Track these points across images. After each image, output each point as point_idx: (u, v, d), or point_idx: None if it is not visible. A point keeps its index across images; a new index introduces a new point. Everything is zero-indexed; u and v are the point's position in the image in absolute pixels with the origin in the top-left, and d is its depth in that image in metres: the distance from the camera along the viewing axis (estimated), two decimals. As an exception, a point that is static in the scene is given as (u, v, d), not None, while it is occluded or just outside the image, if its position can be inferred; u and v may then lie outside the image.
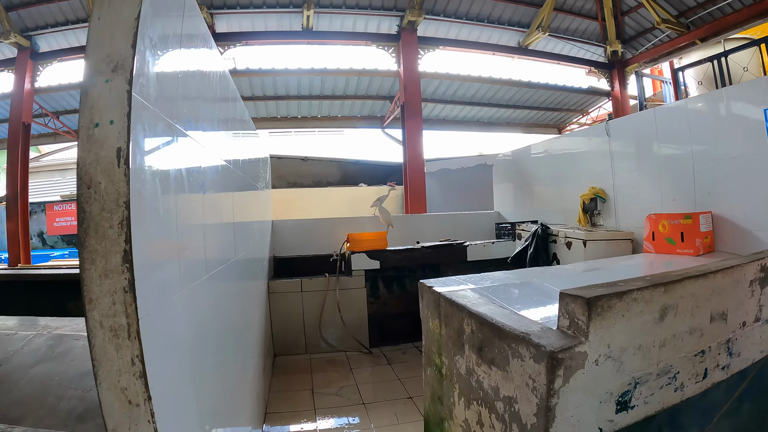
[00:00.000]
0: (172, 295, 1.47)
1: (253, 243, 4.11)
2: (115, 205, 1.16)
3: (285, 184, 13.14)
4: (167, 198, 1.47)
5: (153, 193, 1.35)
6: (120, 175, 1.17)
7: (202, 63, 2.18)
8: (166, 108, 1.51)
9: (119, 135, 1.19)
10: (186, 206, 1.71)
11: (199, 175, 1.94)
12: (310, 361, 5.44)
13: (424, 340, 2.94)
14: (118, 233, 1.16)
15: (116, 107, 1.21)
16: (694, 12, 10.55)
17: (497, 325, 1.93)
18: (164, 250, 1.46)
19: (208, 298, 2.00)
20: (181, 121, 1.68)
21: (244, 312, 3.21)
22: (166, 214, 1.46)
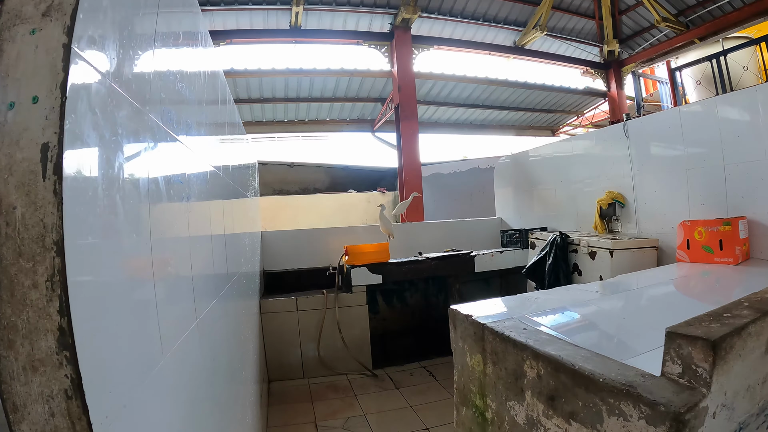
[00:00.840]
0: (149, 372, 0.96)
1: (245, 260, 3.60)
2: (39, 247, 0.68)
3: (271, 191, 12.57)
4: (133, 223, 0.97)
5: (107, 221, 0.85)
6: (46, 194, 0.69)
7: (187, 28, 1.67)
8: (135, 87, 1.00)
9: (47, 122, 0.70)
10: (164, 230, 1.20)
11: (183, 187, 1.43)
12: (309, 386, 4.92)
13: (458, 376, 2.48)
14: (47, 296, 0.68)
15: (44, 75, 0.72)
16: (693, 11, 10.34)
17: (583, 374, 1.53)
18: (131, 311, 0.94)
19: (201, 349, 1.49)
20: (157, 110, 1.17)
21: (240, 347, 2.68)
22: (132, 249, 0.95)
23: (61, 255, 0.68)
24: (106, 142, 0.84)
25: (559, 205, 6.15)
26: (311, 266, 6.09)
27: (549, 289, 4.79)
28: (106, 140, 0.84)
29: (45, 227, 0.68)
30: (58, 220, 0.68)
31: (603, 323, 2.34)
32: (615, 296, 2.92)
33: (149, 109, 1.09)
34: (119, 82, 0.91)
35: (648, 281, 3.27)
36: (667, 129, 4.52)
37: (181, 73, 1.53)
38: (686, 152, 4.32)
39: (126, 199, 0.91)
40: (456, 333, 2.46)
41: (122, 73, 0.93)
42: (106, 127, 0.84)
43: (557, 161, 6.21)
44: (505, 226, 7.25)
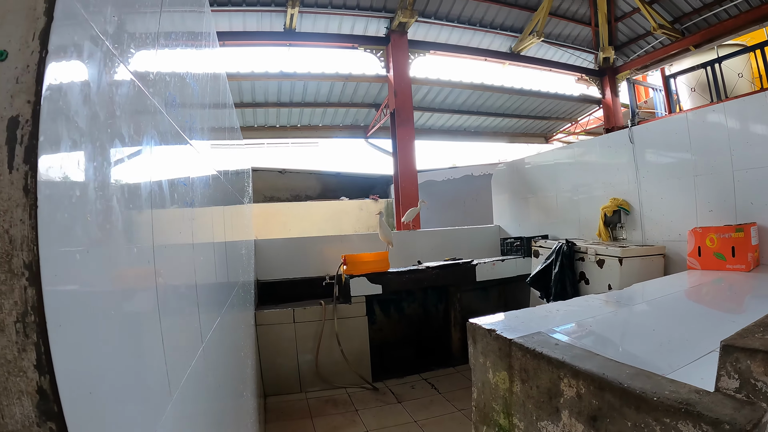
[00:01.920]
0: (155, 424, 0.77)
1: (243, 270, 3.40)
2: (2, 272, 0.48)
3: (261, 198, 12.35)
4: (133, 235, 0.77)
5: (100, 233, 0.64)
6: (13, 192, 0.49)
7: (197, 27, 1.48)
8: (136, 62, 0.81)
9: (17, 87, 0.52)
10: (167, 239, 1.01)
11: (188, 191, 1.24)
12: (307, 401, 4.71)
13: (478, 394, 2.30)
14: (19, 345, 0.50)
15: (16, 20, 0.53)
16: (689, 18, 10.32)
17: (634, 392, 1.43)
18: (133, 351, 0.75)
19: (206, 377, 1.29)
20: (160, 94, 0.98)
21: (241, 365, 2.47)
22: (131, 269, 0.76)
23: (35, 283, 0.48)
24: (101, 124, 0.64)
25: (560, 213, 6.03)
26: (306, 276, 5.90)
27: (555, 298, 4.70)
28: (101, 122, 0.64)
29: (11, 242, 0.48)
30: (31, 231, 0.48)
31: (634, 336, 2.22)
32: (637, 306, 2.79)
33: (152, 92, 0.90)
34: (120, 51, 0.72)
35: (665, 290, 3.15)
36: (674, 135, 4.44)
37: (189, 71, 1.34)
38: (694, 158, 4.24)
39: (123, 203, 0.72)
40: (476, 348, 2.28)
41: (121, 38, 0.74)
42: (100, 103, 0.64)
43: (558, 168, 6.08)
44: (504, 234, 7.10)
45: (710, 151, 4.08)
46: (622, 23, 11.40)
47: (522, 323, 2.28)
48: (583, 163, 5.66)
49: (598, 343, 2.04)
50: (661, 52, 10.98)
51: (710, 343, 1.90)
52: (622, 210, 4.99)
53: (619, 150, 5.08)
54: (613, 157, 5.18)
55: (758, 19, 9.27)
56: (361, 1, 9.10)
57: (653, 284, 3.48)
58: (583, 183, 5.64)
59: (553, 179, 6.16)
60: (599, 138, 5.76)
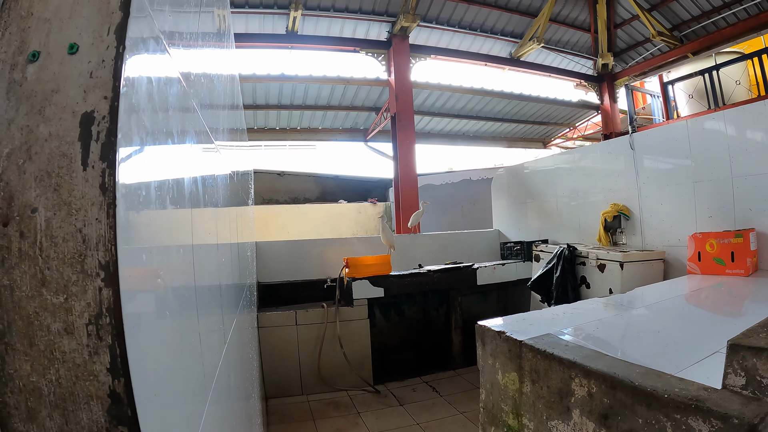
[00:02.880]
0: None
1: (249, 271, 3.41)
2: (75, 272, 0.48)
3: (260, 200, 12.33)
4: (181, 233, 0.79)
5: (163, 231, 0.65)
6: (88, 190, 0.49)
7: (220, 28, 1.51)
8: (181, 62, 0.83)
9: (92, 81, 0.52)
10: (201, 238, 1.03)
11: (215, 192, 1.26)
12: (308, 404, 4.71)
13: (486, 395, 2.32)
14: (90, 348, 0.50)
15: (90, 14, 0.52)
16: (688, 25, 10.41)
17: (645, 390, 1.47)
18: (184, 351, 0.76)
19: (227, 378, 1.31)
20: (197, 95, 1.01)
21: (248, 366, 2.49)
22: (181, 267, 0.77)
23: (112, 284, 0.47)
24: (159, 122, 0.66)
25: (560, 218, 6.05)
26: (307, 278, 5.90)
27: (556, 302, 4.73)
28: (159, 121, 0.66)
29: (86, 241, 0.47)
30: (108, 230, 0.47)
31: (639, 338, 2.24)
32: (640, 310, 2.82)
33: (193, 93, 0.92)
34: (172, 49, 0.74)
35: (666, 294, 3.19)
36: (674, 142, 4.48)
37: (216, 72, 1.37)
38: (693, 165, 4.28)
39: (173, 202, 0.73)
40: (485, 350, 2.31)
41: (173, 37, 0.76)
42: (160, 102, 0.65)
43: (558, 173, 6.12)
44: (503, 239, 7.13)
45: (709, 157, 4.12)
46: (622, 30, 11.48)
47: (530, 326, 2.31)
48: (583, 168, 5.69)
49: (605, 344, 2.06)
50: (659, 59, 11.06)
51: (713, 345, 1.93)
52: (622, 215, 5.03)
53: (619, 156, 5.11)
54: (613, 162, 5.21)
55: (756, 28, 9.36)
56: (364, 5, 9.15)
57: (655, 288, 3.51)
58: (582, 188, 5.67)
59: (552, 184, 6.19)
60: (599, 144, 5.80)
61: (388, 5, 9.19)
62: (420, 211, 6.79)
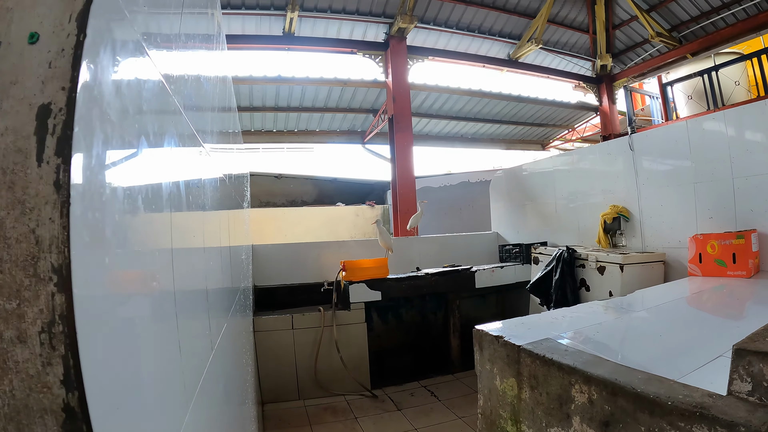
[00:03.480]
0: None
1: (243, 275, 3.36)
2: (27, 276, 0.45)
3: (257, 203, 12.29)
4: (156, 236, 0.74)
5: (129, 233, 0.61)
6: (42, 188, 0.45)
7: (208, 30, 1.46)
8: (160, 58, 0.78)
9: (51, 72, 0.48)
10: (183, 242, 0.98)
11: (200, 194, 1.21)
12: (305, 409, 4.66)
13: (484, 401, 2.28)
14: (44, 357, 0.46)
15: (51, 1, 0.49)
16: (686, 26, 10.38)
17: (647, 397, 1.43)
18: (157, 359, 0.71)
19: (216, 384, 1.26)
20: (180, 93, 0.96)
21: (243, 372, 2.43)
22: (155, 270, 0.72)
23: (65, 289, 0.44)
24: (131, 120, 0.61)
25: (558, 220, 6.02)
26: (304, 282, 5.85)
27: (555, 304, 4.68)
28: (131, 118, 0.61)
29: (39, 243, 0.44)
30: (62, 231, 0.44)
31: (641, 342, 2.20)
32: (641, 313, 2.78)
33: (173, 90, 0.87)
34: (148, 43, 0.69)
35: (667, 297, 3.16)
36: (674, 142, 4.45)
37: (201, 74, 1.32)
38: (694, 165, 4.25)
39: (147, 204, 0.68)
40: (483, 355, 2.26)
41: (151, 31, 0.71)
42: (130, 97, 0.61)
43: (557, 175, 6.08)
44: (502, 241, 7.09)
45: (710, 158, 4.09)
46: (620, 31, 11.46)
47: (528, 330, 2.26)
48: (582, 170, 5.65)
49: (606, 349, 2.02)
50: (658, 59, 11.03)
51: (716, 349, 1.90)
52: (621, 217, 4.99)
53: (618, 157, 5.09)
54: (612, 164, 5.18)
55: (755, 28, 9.33)
56: (361, 6, 9.11)
57: (655, 291, 3.48)
58: (581, 190, 5.63)
59: (551, 186, 6.15)
60: (598, 145, 5.76)
61: (385, 6, 9.15)
62: (419, 213, 6.70)
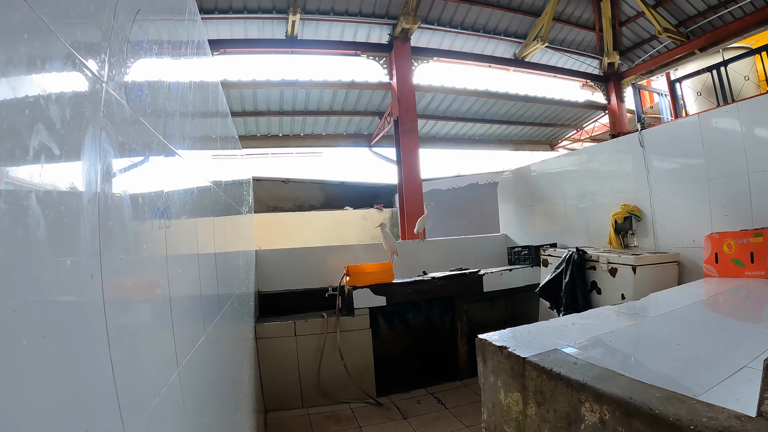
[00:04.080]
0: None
1: (240, 282, 3.25)
2: None
3: (265, 208, 12.26)
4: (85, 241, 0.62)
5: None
6: None
7: (187, 37, 1.35)
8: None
9: None
10: (134, 248, 0.86)
11: (158, 201, 1.10)
12: (309, 417, 4.54)
13: (488, 415, 2.15)
14: None
15: None
16: (693, 21, 10.20)
17: (667, 419, 1.28)
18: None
19: (184, 407, 1.14)
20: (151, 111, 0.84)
21: (234, 386, 2.31)
22: (80, 277, 0.61)
23: None
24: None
25: (568, 220, 5.88)
26: (308, 287, 5.76)
27: (565, 308, 4.53)
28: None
29: None
30: None
31: (657, 352, 2.04)
32: (656, 319, 2.62)
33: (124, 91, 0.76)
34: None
35: (683, 300, 3.00)
36: (686, 138, 4.32)
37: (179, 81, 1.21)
38: (707, 162, 4.11)
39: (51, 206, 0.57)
40: (486, 367, 2.12)
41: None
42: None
43: (565, 175, 5.95)
44: (511, 243, 6.95)
45: (723, 153, 3.95)
46: (627, 28, 11.28)
47: (535, 339, 2.13)
48: (591, 169, 5.52)
49: (619, 360, 1.88)
50: (666, 56, 10.85)
51: (739, 359, 1.76)
52: (633, 216, 4.85)
53: (628, 155, 4.96)
54: (622, 162, 5.04)
55: (763, 21, 9.15)
56: (364, 8, 9.02)
57: (670, 294, 3.33)
58: (591, 189, 5.50)
59: (560, 186, 6.01)
60: (607, 143, 5.60)
61: (388, 7, 9.05)
62: (425, 216, 6.57)
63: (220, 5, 8.18)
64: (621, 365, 1.75)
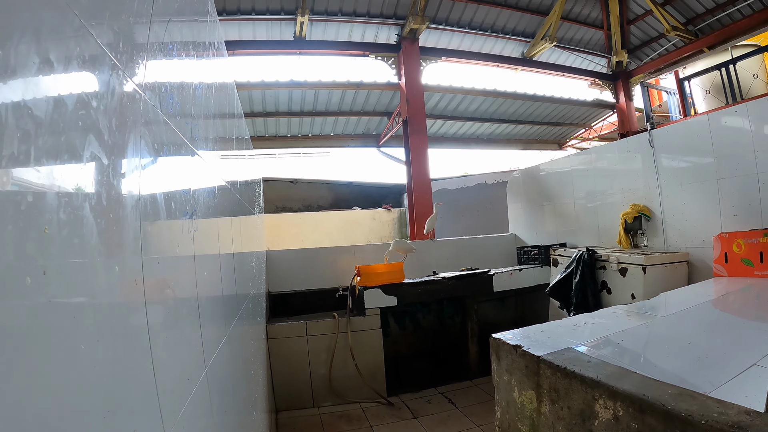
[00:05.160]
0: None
1: (254, 282, 3.29)
2: None
3: (273, 208, 12.31)
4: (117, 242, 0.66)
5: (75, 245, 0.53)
6: None
7: (207, 38, 1.38)
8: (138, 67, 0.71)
9: None
10: (164, 249, 0.90)
11: (189, 200, 1.13)
12: (320, 417, 4.57)
13: (502, 413, 2.17)
14: None
15: None
16: (702, 19, 10.15)
17: (679, 415, 1.31)
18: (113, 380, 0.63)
19: (211, 405, 1.17)
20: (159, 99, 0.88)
21: (250, 385, 2.35)
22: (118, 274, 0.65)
23: None
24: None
25: (577, 220, 5.87)
26: (319, 287, 5.78)
27: (576, 308, 4.54)
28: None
29: None
30: None
31: (669, 350, 2.05)
32: (667, 318, 2.63)
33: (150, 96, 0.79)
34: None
35: (693, 299, 3.01)
36: (695, 138, 4.31)
37: (196, 81, 1.25)
38: (716, 161, 4.11)
39: (102, 212, 0.60)
40: (500, 365, 2.15)
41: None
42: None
43: (574, 174, 5.94)
44: (520, 243, 6.95)
45: (733, 153, 3.95)
46: (635, 26, 11.24)
47: (549, 338, 2.15)
48: (601, 168, 5.51)
49: (631, 358, 1.91)
50: (674, 54, 10.80)
51: (748, 357, 1.78)
52: (643, 216, 4.84)
53: (637, 154, 4.95)
54: (631, 161, 5.04)
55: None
56: (372, 8, 9.04)
57: (680, 293, 3.34)
58: (600, 189, 5.49)
59: (569, 186, 6.01)
60: (617, 142, 5.59)
61: (396, 8, 9.08)
62: (434, 215, 6.59)
63: (228, 7, 8.23)
64: (633, 364, 1.78)
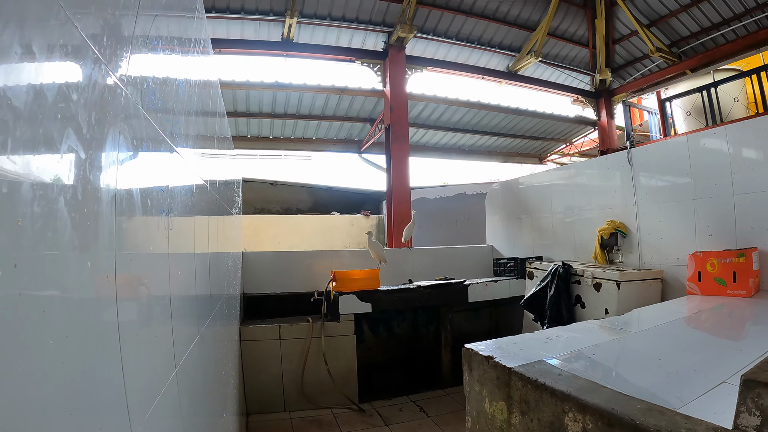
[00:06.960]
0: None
1: (228, 283, 3.25)
2: None
3: (252, 209, 12.18)
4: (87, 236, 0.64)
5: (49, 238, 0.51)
6: None
7: (191, 34, 1.37)
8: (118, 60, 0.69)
9: None
10: (137, 246, 0.88)
11: (165, 197, 1.11)
12: (290, 421, 4.53)
13: (472, 423, 2.17)
14: None
15: None
16: (686, 42, 10.38)
17: (646, 429, 1.33)
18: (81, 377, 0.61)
19: (180, 408, 1.15)
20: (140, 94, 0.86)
21: (222, 387, 2.31)
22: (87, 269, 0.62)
23: None
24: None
25: (554, 234, 5.93)
26: (294, 291, 5.73)
27: (549, 321, 4.58)
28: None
29: None
30: None
31: (639, 366, 2.08)
32: (639, 334, 2.67)
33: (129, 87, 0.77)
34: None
35: (666, 316, 3.06)
36: (674, 158, 4.39)
37: (178, 76, 1.23)
38: (693, 181, 4.19)
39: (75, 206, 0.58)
40: (472, 376, 2.15)
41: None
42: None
43: (553, 189, 6.00)
44: (497, 254, 6.99)
45: (710, 174, 4.03)
46: (620, 45, 11.46)
47: (521, 350, 2.16)
48: (580, 184, 5.57)
49: (602, 373, 1.93)
50: (657, 75, 11.02)
51: (717, 375, 1.81)
52: (619, 232, 4.90)
53: (616, 172, 5.02)
54: (610, 178, 5.11)
55: (755, 45, 9.33)
56: (361, 15, 9.07)
57: (653, 310, 3.39)
58: (578, 204, 5.55)
59: (548, 200, 6.07)
60: (596, 159, 5.68)
61: (385, 15, 9.11)
62: (411, 223, 6.57)
63: (217, 4, 8.16)
64: (604, 378, 1.79)
